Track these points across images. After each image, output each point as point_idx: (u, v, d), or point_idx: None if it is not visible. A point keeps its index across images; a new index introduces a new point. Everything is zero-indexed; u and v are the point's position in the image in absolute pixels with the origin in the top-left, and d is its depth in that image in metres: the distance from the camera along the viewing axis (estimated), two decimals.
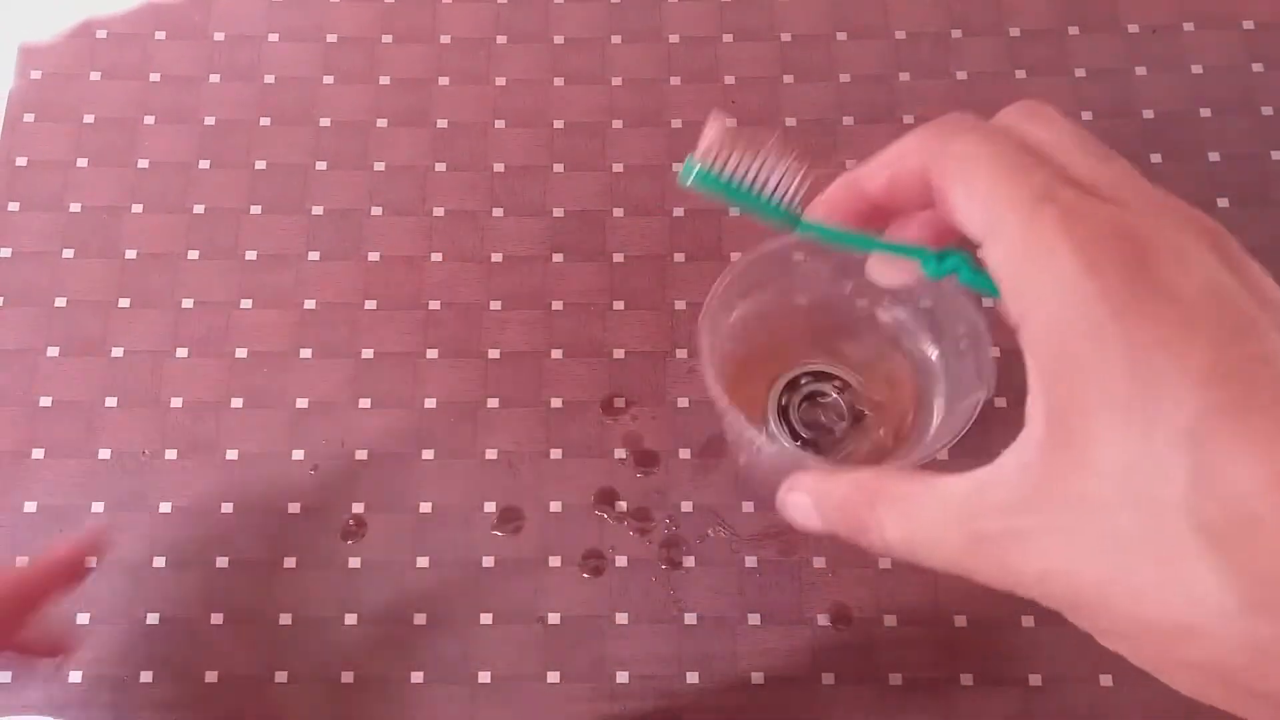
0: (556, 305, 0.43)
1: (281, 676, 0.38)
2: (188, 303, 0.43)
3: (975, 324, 0.32)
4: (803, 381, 0.39)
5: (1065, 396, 0.18)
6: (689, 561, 0.39)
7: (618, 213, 0.44)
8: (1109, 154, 0.20)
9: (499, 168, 0.45)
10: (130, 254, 0.44)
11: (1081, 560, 0.18)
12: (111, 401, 0.41)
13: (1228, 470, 0.16)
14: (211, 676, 0.38)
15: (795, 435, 0.38)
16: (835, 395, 0.38)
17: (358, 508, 0.40)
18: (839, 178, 0.24)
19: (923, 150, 0.22)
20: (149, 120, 0.46)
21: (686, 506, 0.40)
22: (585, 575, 0.39)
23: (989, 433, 0.21)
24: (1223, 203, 0.43)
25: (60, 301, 0.43)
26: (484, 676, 0.38)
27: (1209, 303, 0.17)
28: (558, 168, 0.45)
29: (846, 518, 0.23)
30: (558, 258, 0.43)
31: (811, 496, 0.24)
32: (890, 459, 0.36)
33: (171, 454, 0.41)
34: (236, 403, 0.41)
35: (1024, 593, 0.20)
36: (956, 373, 0.34)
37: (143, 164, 0.45)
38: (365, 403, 0.41)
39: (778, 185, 0.25)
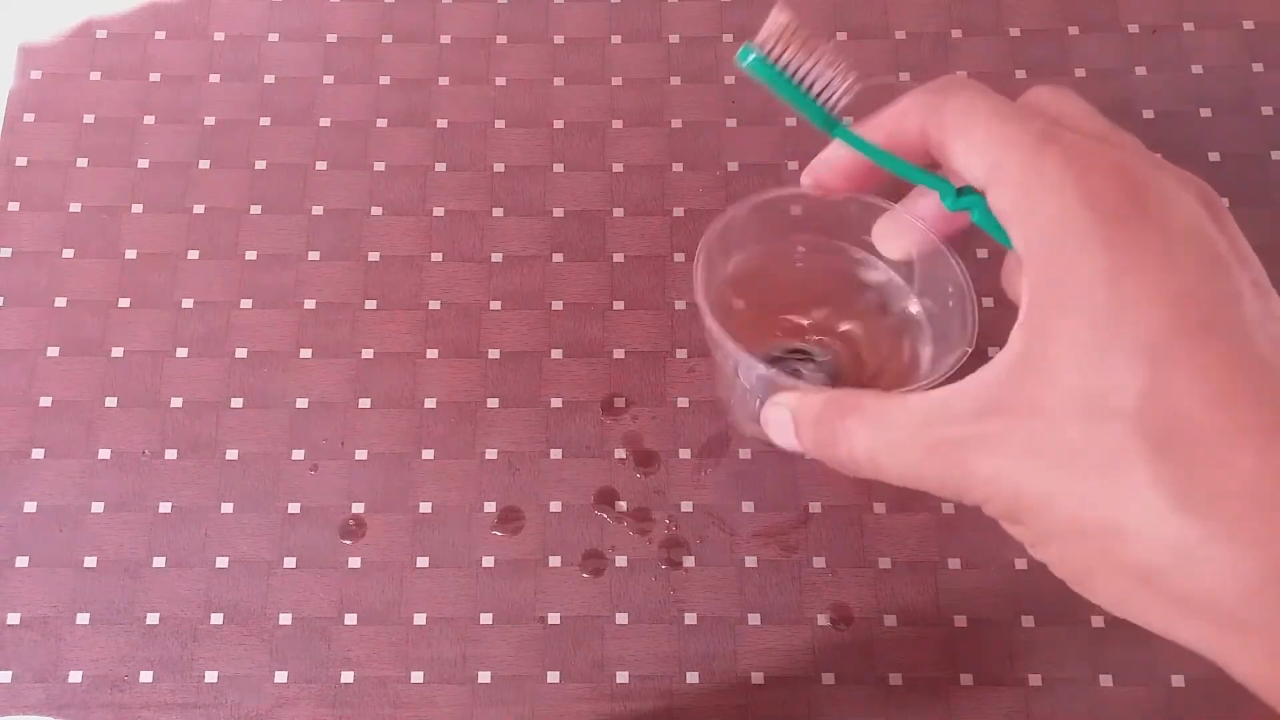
0: (556, 305, 0.43)
1: (281, 676, 0.38)
2: (188, 303, 0.43)
3: (960, 283, 0.33)
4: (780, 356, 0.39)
5: (1047, 315, 0.20)
6: (689, 561, 0.39)
7: (618, 213, 0.44)
8: (1118, 129, 0.22)
9: (499, 168, 0.45)
10: (130, 254, 0.44)
11: (1029, 463, 0.20)
12: (111, 401, 0.41)
13: (1178, 384, 0.18)
14: (211, 676, 0.38)
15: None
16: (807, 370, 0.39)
17: (358, 508, 0.40)
18: (850, 128, 0.26)
19: (921, 108, 0.23)
20: (149, 120, 0.46)
21: (686, 506, 0.40)
22: (585, 575, 0.39)
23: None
24: (1223, 203, 0.43)
25: (60, 301, 0.43)
26: (484, 676, 0.38)
27: (1191, 240, 0.19)
28: (558, 168, 0.45)
29: (819, 431, 0.25)
30: (558, 258, 0.43)
31: (791, 412, 0.26)
32: None
33: (171, 454, 0.41)
34: (236, 403, 0.41)
35: (971, 497, 0.21)
36: (943, 329, 0.35)
37: (143, 164, 0.45)
38: (365, 403, 0.41)
39: (825, 88, 0.26)
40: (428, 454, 0.41)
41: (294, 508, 0.40)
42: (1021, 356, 0.20)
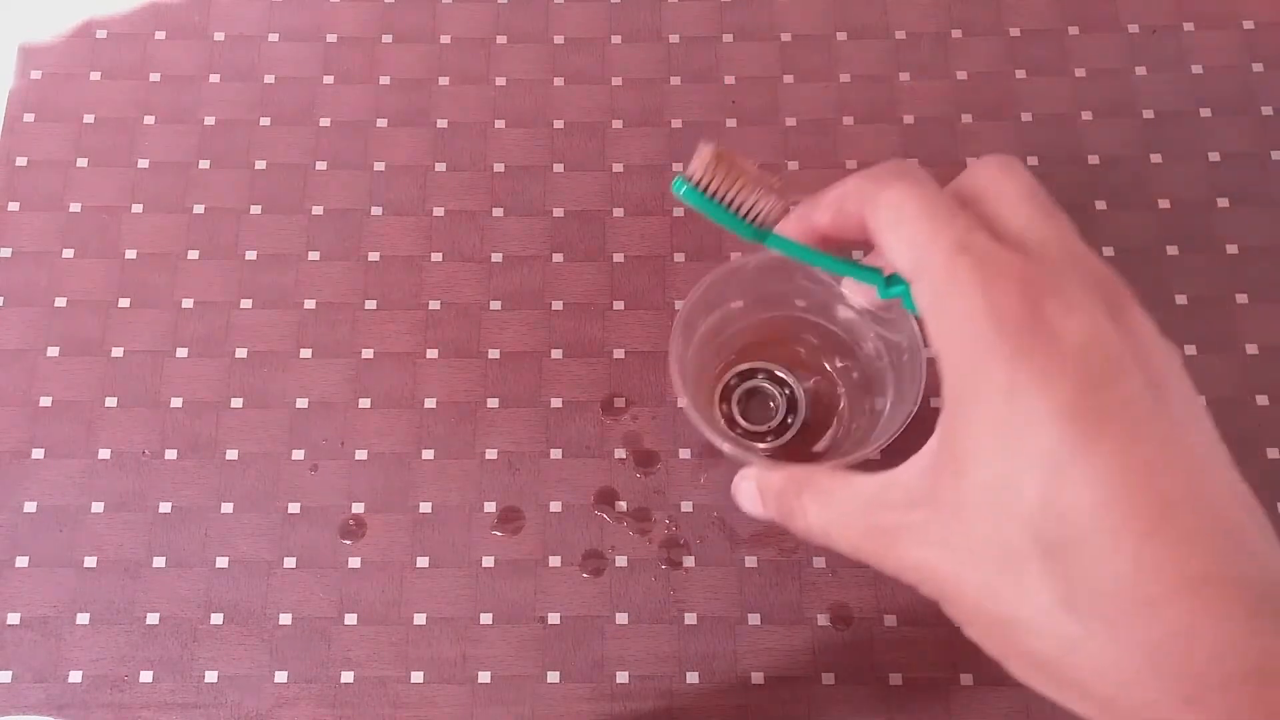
0: (556, 305, 0.43)
1: (282, 676, 0.38)
2: (188, 303, 0.43)
3: (915, 341, 0.34)
4: (742, 379, 0.41)
5: (958, 417, 0.22)
6: (689, 561, 0.39)
7: (618, 213, 0.44)
8: (1052, 211, 0.23)
9: (499, 168, 0.45)
10: (130, 254, 0.44)
11: (947, 556, 0.22)
12: (111, 401, 0.41)
13: (1069, 491, 0.19)
14: (211, 676, 0.38)
15: (733, 425, 0.40)
16: (770, 387, 0.41)
17: (358, 508, 0.40)
18: (795, 209, 0.28)
19: (859, 196, 0.25)
20: (149, 120, 0.46)
21: (686, 506, 0.40)
22: (585, 575, 0.39)
23: (925, 436, 0.24)
24: (1222, 203, 0.43)
25: (60, 301, 0.43)
26: (484, 676, 0.38)
27: (1086, 350, 0.20)
28: (558, 168, 0.45)
29: (780, 504, 0.27)
30: (558, 258, 0.43)
31: (757, 485, 0.29)
32: (830, 458, 0.39)
33: (171, 454, 0.41)
34: (236, 403, 0.41)
35: (906, 579, 0.23)
36: (900, 384, 0.35)
37: (143, 164, 0.45)
38: (365, 403, 0.41)
39: (755, 205, 0.28)
40: (428, 454, 0.41)
41: (294, 508, 0.40)
42: (940, 453, 0.22)
